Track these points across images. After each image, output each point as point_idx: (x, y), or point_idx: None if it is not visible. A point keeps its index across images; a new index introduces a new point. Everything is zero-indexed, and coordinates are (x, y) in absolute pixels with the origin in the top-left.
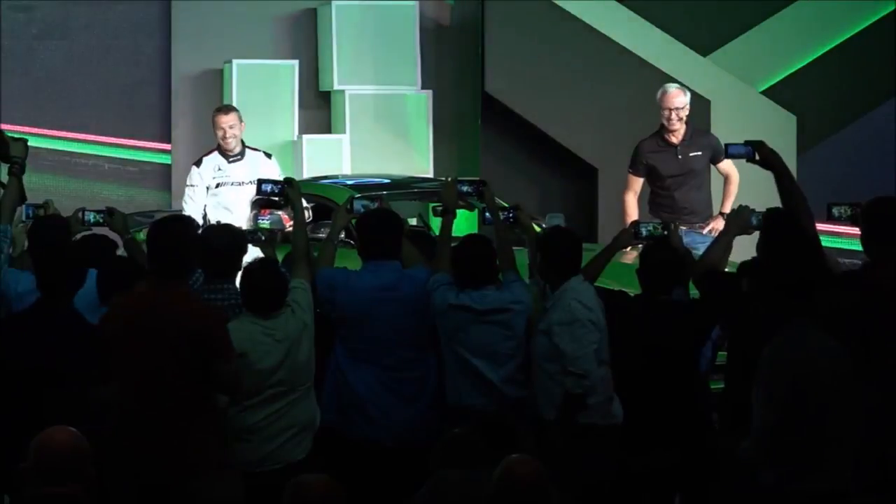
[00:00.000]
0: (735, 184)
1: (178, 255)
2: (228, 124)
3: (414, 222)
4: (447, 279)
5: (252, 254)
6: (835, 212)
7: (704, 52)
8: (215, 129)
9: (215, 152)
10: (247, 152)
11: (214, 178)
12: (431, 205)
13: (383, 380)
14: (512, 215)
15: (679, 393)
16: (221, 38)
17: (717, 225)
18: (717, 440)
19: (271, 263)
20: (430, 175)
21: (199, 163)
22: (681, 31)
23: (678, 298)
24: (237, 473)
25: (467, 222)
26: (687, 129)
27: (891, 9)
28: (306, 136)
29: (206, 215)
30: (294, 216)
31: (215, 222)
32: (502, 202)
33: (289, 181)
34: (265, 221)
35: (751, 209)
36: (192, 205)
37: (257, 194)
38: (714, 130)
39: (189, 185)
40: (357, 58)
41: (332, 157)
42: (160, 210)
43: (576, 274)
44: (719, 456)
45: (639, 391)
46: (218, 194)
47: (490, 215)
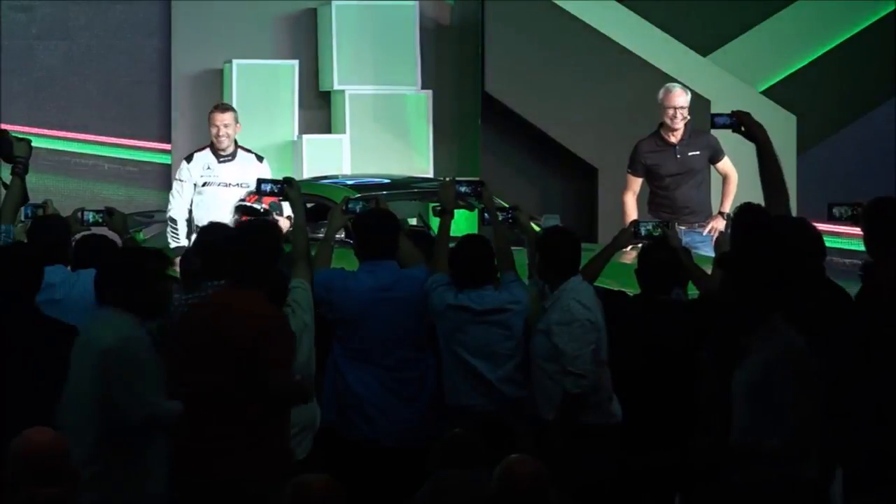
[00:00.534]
0: (734, 183)
1: (255, 263)
2: (224, 122)
3: (414, 222)
4: (446, 279)
5: None
6: (835, 212)
7: (704, 52)
8: (210, 126)
9: (207, 150)
10: (238, 153)
11: (202, 176)
12: (431, 205)
13: (382, 380)
14: (511, 216)
15: (679, 393)
16: (221, 38)
17: (717, 224)
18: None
19: None
20: (430, 175)
21: (190, 158)
22: (681, 31)
23: (677, 298)
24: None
25: (467, 222)
26: (685, 129)
27: (891, 9)
28: (306, 136)
29: (191, 211)
30: (294, 216)
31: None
32: (502, 202)
33: (288, 181)
34: None
35: None
36: (179, 199)
37: (257, 194)
38: (714, 130)
39: (177, 179)
40: (357, 58)
41: (332, 157)
42: (160, 210)
43: (575, 274)
44: (700, 456)
45: (638, 391)
46: (203, 193)
47: (489, 216)
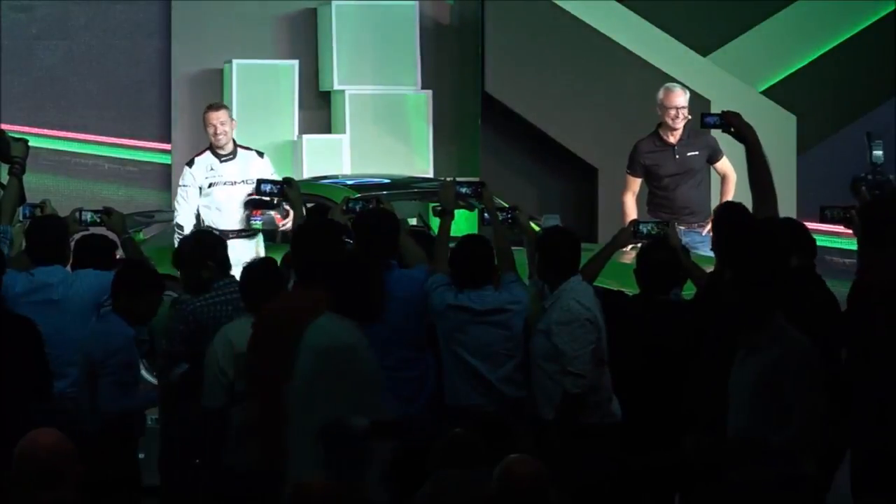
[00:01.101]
0: (732, 183)
1: (315, 260)
2: (219, 121)
3: (414, 222)
4: (445, 279)
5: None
6: (827, 213)
7: (704, 52)
8: (206, 127)
9: (207, 152)
10: (239, 151)
11: (207, 177)
12: (431, 205)
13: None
14: (511, 216)
15: (679, 393)
16: (221, 38)
17: None
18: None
19: (271, 261)
20: (430, 175)
21: (192, 163)
22: (681, 31)
23: (675, 299)
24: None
25: (467, 223)
26: (684, 129)
27: (891, 9)
28: (306, 136)
29: (199, 216)
30: (294, 217)
31: (209, 223)
32: (502, 202)
33: (288, 181)
34: (257, 222)
35: None
36: (185, 205)
37: (256, 195)
38: (713, 131)
39: (182, 185)
40: (357, 58)
41: (332, 157)
42: (160, 210)
43: (574, 274)
44: (699, 455)
45: (638, 391)
46: (210, 194)
47: (489, 216)
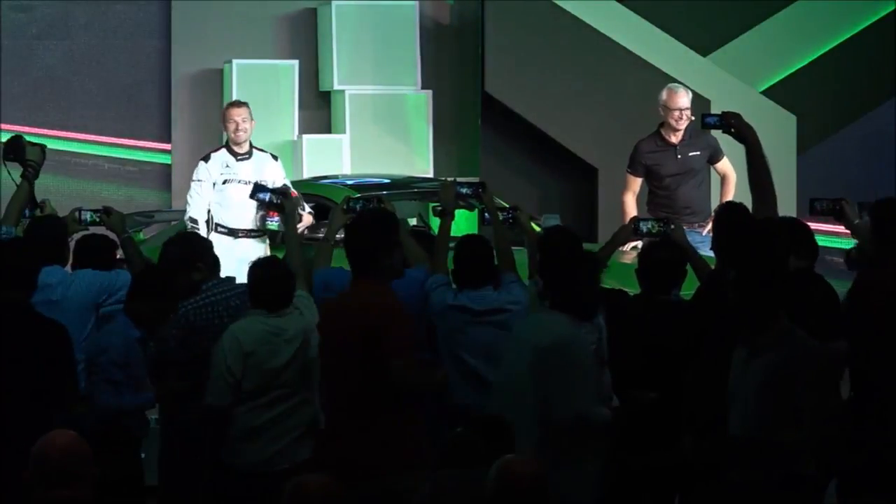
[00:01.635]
0: (732, 183)
1: (371, 254)
2: (241, 117)
3: (414, 222)
4: (445, 280)
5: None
6: (816, 205)
7: (704, 52)
8: (226, 123)
9: (223, 150)
10: (254, 152)
11: (222, 174)
12: (431, 205)
13: None
14: (511, 216)
15: (679, 393)
16: (221, 38)
17: None
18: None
19: (277, 259)
20: (431, 175)
21: (207, 158)
22: (681, 31)
23: (675, 299)
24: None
25: (467, 223)
26: (685, 130)
27: (891, 9)
28: (306, 136)
29: (210, 212)
30: (287, 230)
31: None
32: (502, 202)
33: (284, 193)
34: (273, 223)
35: None
36: (199, 199)
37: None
38: (713, 131)
39: (196, 179)
40: (357, 58)
41: (332, 157)
42: (160, 210)
43: None
44: (699, 455)
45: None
46: (224, 191)
47: (489, 216)
